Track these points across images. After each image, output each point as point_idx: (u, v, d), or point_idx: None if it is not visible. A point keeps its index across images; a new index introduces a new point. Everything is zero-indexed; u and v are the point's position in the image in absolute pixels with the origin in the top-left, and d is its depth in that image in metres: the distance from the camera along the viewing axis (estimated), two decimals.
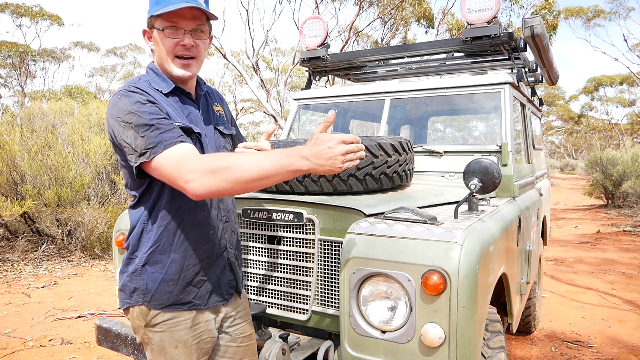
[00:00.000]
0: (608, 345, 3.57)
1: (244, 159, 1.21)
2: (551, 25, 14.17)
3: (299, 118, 3.29)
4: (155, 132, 1.25)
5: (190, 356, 1.43)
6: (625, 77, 31.47)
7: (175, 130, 1.28)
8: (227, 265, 1.51)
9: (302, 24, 3.41)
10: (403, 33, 15.91)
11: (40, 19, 22.03)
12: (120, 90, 1.34)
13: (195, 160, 1.22)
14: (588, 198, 13.93)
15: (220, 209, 1.50)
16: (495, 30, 2.69)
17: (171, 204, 1.37)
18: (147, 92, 1.33)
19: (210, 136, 1.49)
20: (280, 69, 16.58)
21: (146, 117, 1.27)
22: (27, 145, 6.32)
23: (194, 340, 1.43)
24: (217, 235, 1.47)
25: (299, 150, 1.18)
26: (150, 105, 1.30)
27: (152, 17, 1.36)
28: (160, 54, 1.39)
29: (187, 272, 1.40)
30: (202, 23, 1.39)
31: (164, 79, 1.42)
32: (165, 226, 1.37)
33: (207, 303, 1.45)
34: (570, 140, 47.86)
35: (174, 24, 1.34)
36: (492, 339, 1.71)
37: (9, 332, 3.78)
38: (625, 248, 7.28)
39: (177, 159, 1.22)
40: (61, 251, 6.33)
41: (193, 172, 1.19)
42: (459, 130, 4.21)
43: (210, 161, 1.21)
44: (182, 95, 1.45)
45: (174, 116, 1.36)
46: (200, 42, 1.40)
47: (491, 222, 1.79)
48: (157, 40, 1.38)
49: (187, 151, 1.25)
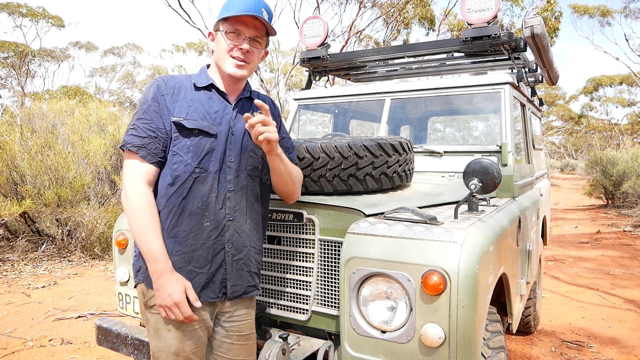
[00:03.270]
0: (608, 345, 3.57)
1: (142, 221, 1.43)
2: (552, 28, 14.15)
3: (299, 118, 3.29)
4: (132, 131, 1.47)
5: (183, 342, 1.46)
6: (625, 77, 31.47)
7: (145, 139, 1.46)
8: (224, 264, 1.52)
9: (302, 24, 3.41)
10: (405, 35, 15.91)
11: (42, 20, 22.04)
12: (154, 79, 1.56)
13: (129, 180, 1.47)
14: (588, 198, 13.94)
15: (226, 206, 1.52)
16: (495, 30, 2.69)
17: (165, 191, 1.48)
18: (166, 86, 1.51)
19: (237, 136, 1.56)
20: (280, 69, 16.59)
21: (137, 116, 1.49)
22: (27, 145, 6.32)
23: (187, 327, 1.47)
24: (215, 230, 1.50)
25: (159, 272, 1.41)
26: (150, 105, 1.49)
27: (220, 20, 1.53)
28: (218, 53, 1.54)
29: (176, 257, 1.46)
30: (261, 36, 1.55)
31: (206, 76, 1.58)
32: (160, 211, 1.48)
33: (199, 296, 1.47)
34: (570, 141, 47.87)
35: (237, 30, 1.51)
36: (492, 339, 1.71)
37: (9, 332, 3.78)
38: (625, 248, 7.28)
39: (128, 166, 1.48)
40: (61, 251, 6.33)
41: (125, 187, 1.47)
42: (459, 130, 4.22)
43: (130, 193, 1.45)
44: (217, 93, 1.57)
45: (189, 110, 1.50)
46: (256, 51, 1.55)
47: (491, 222, 1.79)
48: (219, 41, 1.53)
49: (135, 166, 1.47)
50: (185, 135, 1.47)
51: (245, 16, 1.48)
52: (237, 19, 1.49)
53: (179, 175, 1.47)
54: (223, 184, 1.51)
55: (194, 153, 1.47)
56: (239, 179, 1.54)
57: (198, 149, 1.48)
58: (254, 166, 1.59)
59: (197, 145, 1.47)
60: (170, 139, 1.48)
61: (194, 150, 1.47)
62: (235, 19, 1.49)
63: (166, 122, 1.48)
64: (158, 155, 1.47)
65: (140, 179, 1.45)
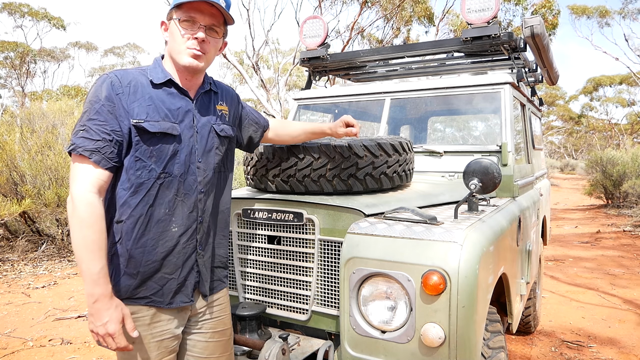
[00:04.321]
0: (608, 345, 3.57)
1: (88, 236, 1.29)
2: (551, 24, 14.16)
3: (299, 118, 3.29)
4: (82, 133, 1.33)
5: (149, 353, 1.43)
6: (625, 77, 31.46)
7: (98, 142, 1.32)
8: (195, 266, 1.49)
9: (302, 24, 3.41)
10: (405, 33, 15.91)
11: (43, 20, 22.04)
12: (103, 75, 1.41)
13: (78, 186, 1.32)
14: (588, 198, 13.94)
15: (197, 208, 1.47)
16: (495, 30, 2.69)
17: (127, 199, 1.38)
18: (121, 84, 1.37)
19: (202, 134, 1.49)
20: (280, 69, 16.58)
21: (87, 115, 1.34)
22: (27, 145, 6.32)
23: (153, 338, 1.43)
24: (185, 234, 1.45)
25: (96, 296, 1.29)
26: (104, 104, 1.35)
27: (173, 8, 1.43)
28: (172, 43, 1.44)
29: (146, 267, 1.40)
30: (218, 24, 1.45)
31: (162, 70, 1.45)
32: (124, 221, 1.38)
33: (170, 302, 1.44)
34: (570, 141, 47.86)
35: (191, 17, 1.40)
36: (492, 339, 1.71)
37: (9, 332, 3.78)
38: (625, 248, 7.28)
39: (77, 171, 1.33)
40: (61, 251, 6.33)
41: (72, 194, 1.32)
42: (459, 130, 4.22)
43: (78, 201, 1.31)
44: (176, 89, 1.46)
45: (149, 110, 1.38)
46: (212, 40, 1.45)
47: (491, 222, 1.79)
48: (173, 30, 1.43)
49: (86, 172, 1.33)
50: (146, 139, 1.37)
51: (200, 2, 1.38)
52: (191, 5, 1.39)
53: (143, 183, 1.37)
54: (192, 186, 1.45)
55: (157, 157, 1.38)
56: (207, 178, 1.50)
57: (161, 153, 1.39)
58: (219, 163, 1.56)
59: (159, 149, 1.38)
60: (127, 143, 1.36)
61: (157, 155, 1.38)
62: (190, 5, 1.39)
63: (123, 125, 1.34)
64: (113, 160, 1.34)
65: (91, 186, 1.31)
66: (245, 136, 1.78)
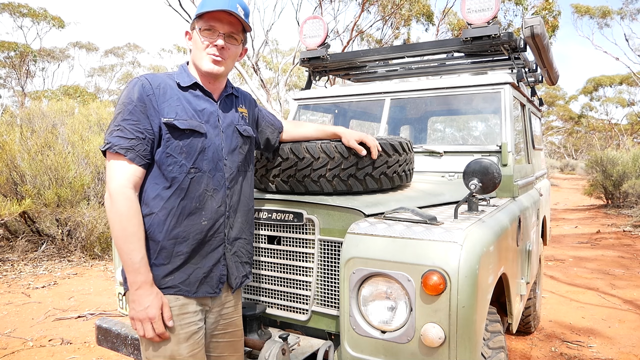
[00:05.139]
0: (608, 345, 3.57)
1: (128, 228, 1.38)
2: (551, 26, 14.16)
3: (299, 118, 3.29)
4: (117, 132, 1.42)
5: (178, 344, 1.46)
6: (625, 77, 31.46)
7: (132, 141, 1.41)
8: (222, 259, 1.55)
9: (302, 24, 3.41)
10: (406, 34, 15.90)
11: (43, 21, 22.05)
12: (134, 78, 1.51)
13: (115, 182, 1.41)
14: (588, 198, 13.93)
15: (225, 203, 1.55)
16: (495, 30, 2.69)
17: (159, 193, 1.46)
18: (151, 86, 1.47)
19: (227, 134, 1.58)
20: (280, 69, 16.58)
21: (121, 116, 1.43)
22: (27, 145, 6.32)
23: (182, 329, 1.47)
24: (213, 227, 1.52)
25: (138, 283, 1.38)
26: (136, 105, 1.43)
27: (195, 19, 1.53)
28: (195, 51, 1.54)
29: (176, 258, 1.47)
30: (236, 32, 1.55)
31: (188, 75, 1.56)
32: (156, 213, 1.45)
33: (196, 291, 1.49)
34: (570, 141, 47.85)
35: (211, 26, 1.50)
36: (492, 339, 1.71)
37: (9, 332, 3.78)
38: (625, 248, 7.28)
39: (114, 168, 1.42)
40: (61, 251, 6.32)
41: (110, 190, 1.41)
42: (459, 131, 4.22)
43: (116, 196, 1.40)
44: (201, 92, 1.56)
45: (178, 110, 1.47)
46: (232, 47, 1.55)
47: (491, 222, 1.79)
48: (195, 39, 1.53)
49: (123, 168, 1.42)
50: (176, 136, 1.46)
51: (219, 12, 1.48)
52: (211, 15, 1.49)
53: (175, 177, 1.46)
54: (220, 182, 1.54)
55: (187, 153, 1.47)
56: (233, 175, 1.58)
57: (191, 149, 1.48)
58: (243, 162, 1.63)
59: (189, 145, 1.47)
60: (158, 140, 1.46)
61: (187, 151, 1.47)
62: (210, 15, 1.49)
63: (154, 123, 1.44)
64: (146, 157, 1.45)
65: (128, 182, 1.41)
66: (263, 138, 1.86)
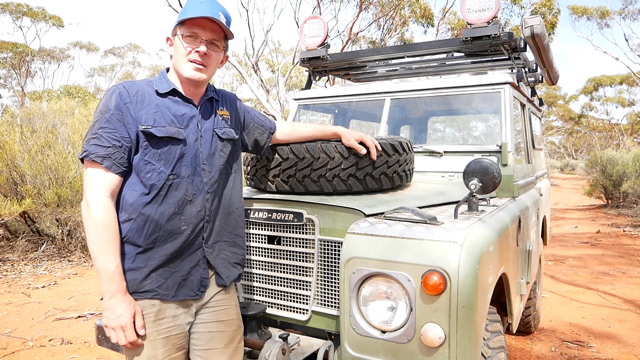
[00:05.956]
0: (608, 345, 3.57)
1: (104, 237, 1.39)
2: (550, 24, 14.17)
3: (299, 118, 3.29)
4: (94, 140, 1.42)
5: (155, 350, 1.47)
6: (625, 77, 31.46)
7: (109, 149, 1.42)
8: (201, 262, 1.55)
9: (302, 24, 3.41)
10: (402, 34, 15.89)
11: (42, 20, 22.05)
12: (112, 86, 1.51)
13: (92, 191, 1.42)
14: (588, 198, 13.94)
15: (205, 208, 1.55)
16: (495, 30, 2.69)
17: (137, 199, 1.46)
18: (128, 94, 1.47)
19: (206, 138, 1.57)
20: (280, 69, 16.58)
21: (99, 124, 1.43)
22: (27, 145, 6.32)
23: (159, 334, 1.47)
24: (193, 232, 1.52)
25: (112, 292, 1.40)
26: (113, 113, 1.44)
27: (177, 25, 1.52)
28: (176, 57, 1.53)
29: (152, 261, 1.47)
30: (218, 39, 1.54)
31: (167, 81, 1.55)
32: (135, 219, 1.45)
33: (175, 295, 1.50)
34: (570, 141, 47.85)
35: (194, 32, 1.50)
36: (492, 339, 1.71)
37: (9, 332, 3.78)
38: (625, 248, 7.28)
39: (91, 176, 1.43)
40: (61, 251, 6.33)
41: (87, 198, 1.42)
42: (459, 130, 4.22)
43: (93, 205, 1.41)
44: (180, 98, 1.55)
45: (156, 116, 1.47)
46: (214, 53, 1.54)
47: (491, 222, 1.79)
48: (177, 45, 1.52)
49: (100, 177, 1.42)
50: (154, 143, 1.46)
51: (202, 19, 1.48)
52: (193, 22, 1.49)
53: (154, 184, 1.45)
54: (199, 187, 1.53)
55: (165, 160, 1.47)
56: (213, 179, 1.57)
57: (169, 156, 1.47)
58: (224, 165, 1.63)
59: (167, 152, 1.47)
60: (136, 148, 1.46)
61: (165, 158, 1.47)
62: (192, 22, 1.49)
63: (131, 131, 1.44)
64: (123, 165, 1.44)
65: (105, 191, 1.42)
66: (251, 139, 1.84)
